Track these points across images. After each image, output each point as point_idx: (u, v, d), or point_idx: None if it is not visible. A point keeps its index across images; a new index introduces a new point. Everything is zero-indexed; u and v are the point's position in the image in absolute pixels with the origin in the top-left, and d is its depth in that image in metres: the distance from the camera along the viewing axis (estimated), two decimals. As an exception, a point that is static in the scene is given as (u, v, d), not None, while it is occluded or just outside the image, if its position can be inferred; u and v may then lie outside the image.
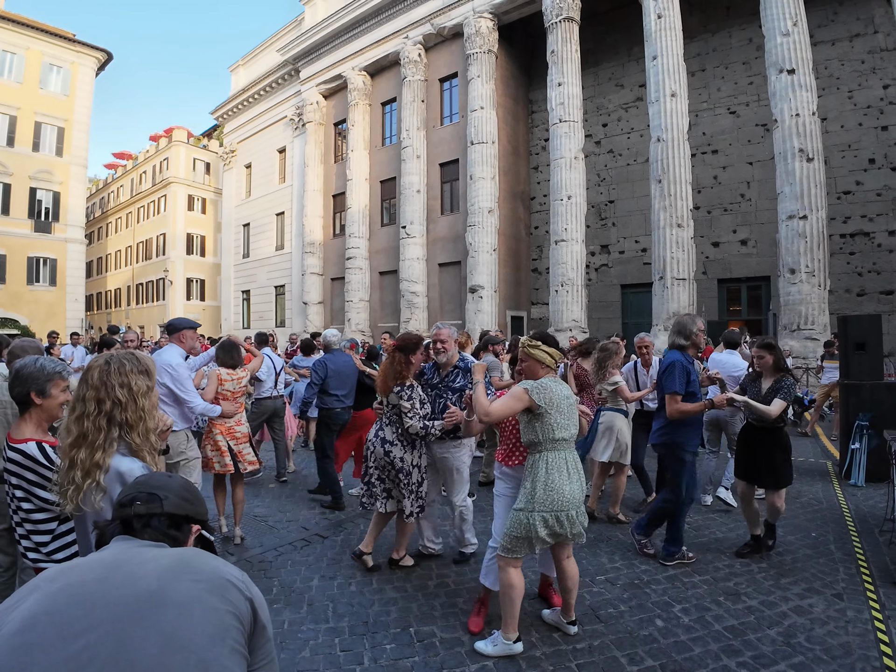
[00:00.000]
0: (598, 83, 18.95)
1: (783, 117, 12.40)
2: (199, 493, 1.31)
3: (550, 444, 2.89)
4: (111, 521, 1.19)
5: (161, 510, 1.16)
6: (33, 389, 2.10)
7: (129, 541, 1.12)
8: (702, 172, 16.38)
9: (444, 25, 18.52)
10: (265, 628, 1.07)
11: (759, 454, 4.16)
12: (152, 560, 1.02)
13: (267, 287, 27.35)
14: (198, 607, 0.95)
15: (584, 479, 3.04)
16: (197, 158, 37.19)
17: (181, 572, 1.00)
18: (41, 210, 25.21)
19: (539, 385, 2.91)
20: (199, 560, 1.06)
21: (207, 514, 1.30)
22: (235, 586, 1.03)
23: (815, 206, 12.14)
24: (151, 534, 1.14)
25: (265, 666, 1.07)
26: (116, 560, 1.02)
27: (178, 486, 1.24)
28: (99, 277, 42.98)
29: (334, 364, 5.57)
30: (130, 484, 1.27)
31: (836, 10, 14.98)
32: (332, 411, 5.55)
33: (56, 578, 0.97)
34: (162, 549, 1.09)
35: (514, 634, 2.90)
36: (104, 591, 0.94)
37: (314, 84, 23.41)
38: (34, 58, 24.64)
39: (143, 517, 1.15)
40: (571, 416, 2.98)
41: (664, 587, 3.68)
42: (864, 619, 3.22)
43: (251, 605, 1.04)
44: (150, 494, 1.18)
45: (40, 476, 2.02)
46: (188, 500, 1.23)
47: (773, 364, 4.21)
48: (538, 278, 20.24)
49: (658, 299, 13.96)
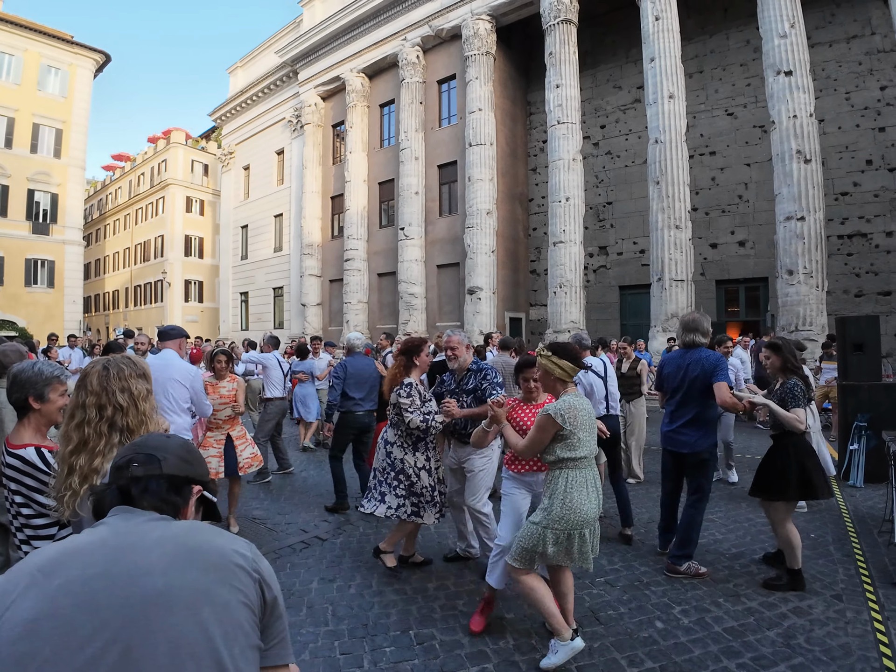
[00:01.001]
0: (596, 85, 18.97)
1: (781, 119, 12.42)
2: (200, 454, 1.26)
3: (572, 463, 2.82)
4: (108, 484, 1.13)
5: (160, 472, 1.11)
6: (31, 394, 2.09)
7: (128, 514, 1.06)
8: (700, 174, 16.40)
9: (443, 27, 18.54)
10: (276, 604, 1.04)
11: (772, 464, 3.83)
12: (156, 547, 0.97)
13: (265, 289, 27.33)
14: (207, 607, 0.91)
15: (602, 497, 2.97)
16: (195, 160, 37.17)
17: (187, 563, 0.95)
18: (39, 212, 25.18)
19: (563, 406, 2.79)
20: (204, 543, 1.01)
21: (208, 474, 1.26)
22: (243, 569, 0.99)
23: (812, 207, 12.16)
24: (150, 500, 1.09)
25: (277, 644, 1.05)
26: (118, 547, 0.96)
27: (176, 447, 1.19)
28: (97, 279, 42.93)
29: (354, 367, 5.56)
30: (127, 446, 1.20)
31: (833, 11, 15.01)
32: (350, 414, 5.52)
33: (54, 572, 0.90)
34: (165, 525, 1.04)
35: (567, 632, 2.81)
36: (108, 590, 0.89)
37: (312, 86, 23.42)
38: (32, 59, 24.62)
39: (142, 480, 1.09)
40: (592, 432, 2.92)
41: (664, 588, 3.69)
42: (864, 620, 3.22)
43: (259, 585, 1.01)
44: (148, 455, 1.12)
45: (39, 482, 2.01)
46: (188, 460, 1.18)
47: (781, 365, 3.94)
48: (536, 280, 20.25)
49: (656, 300, 13.96)
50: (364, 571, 4.00)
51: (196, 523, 1.11)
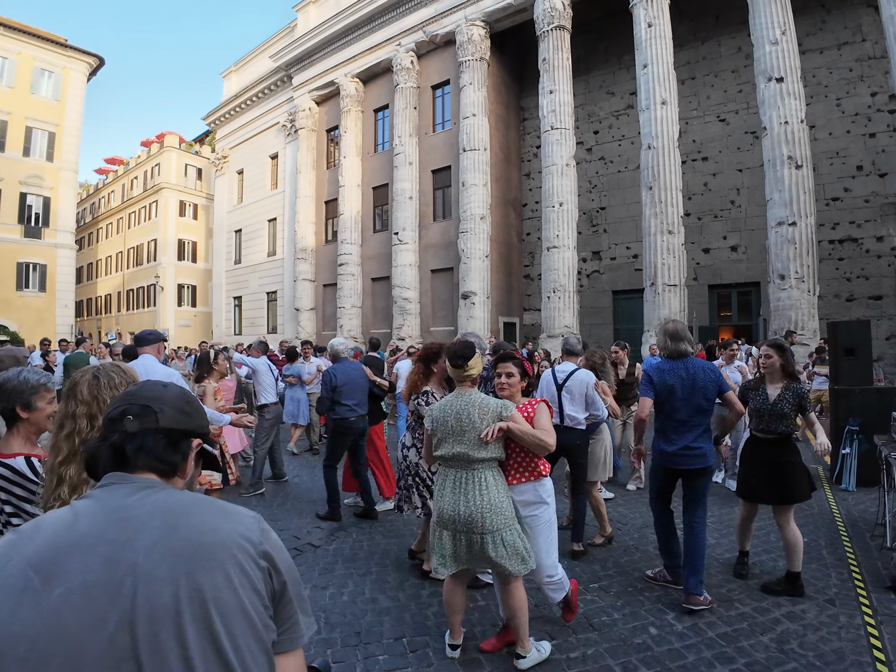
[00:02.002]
0: (589, 91, 19.08)
1: (772, 125, 12.52)
2: (199, 403, 1.17)
3: (441, 461, 2.93)
4: (101, 439, 1.04)
5: (156, 425, 1.03)
6: (18, 404, 2.05)
7: (122, 487, 0.97)
8: (692, 179, 16.50)
9: (437, 33, 18.61)
10: (285, 590, 0.98)
11: (769, 469, 3.72)
12: (160, 542, 0.88)
13: (259, 293, 27.24)
14: (217, 618, 0.86)
15: (470, 504, 2.72)
16: (189, 164, 37.04)
17: (195, 561, 0.88)
18: (31, 215, 24.98)
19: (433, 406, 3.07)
20: (208, 534, 0.92)
21: (208, 425, 1.17)
22: (251, 557, 0.92)
23: (803, 212, 12.25)
24: (146, 460, 1.01)
25: (288, 630, 0.99)
26: (116, 543, 0.87)
27: (174, 397, 1.09)
28: (89, 283, 42.65)
29: (343, 374, 5.53)
30: (121, 395, 1.10)
31: (824, 18, 15.17)
32: (346, 421, 5.48)
33: (53, 577, 0.82)
34: (164, 508, 0.94)
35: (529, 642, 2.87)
36: (111, 603, 0.82)
37: (307, 90, 23.43)
38: (26, 62, 24.48)
39: (136, 436, 1.01)
40: (454, 434, 2.87)
41: (658, 594, 3.68)
42: (857, 625, 3.23)
43: (269, 573, 0.95)
44: (144, 407, 1.04)
45: (29, 491, 1.98)
46: (186, 412, 1.09)
47: (782, 367, 3.77)
48: (530, 284, 20.29)
49: (649, 305, 14.02)
50: (356, 578, 3.98)
51: (199, 500, 1.01)
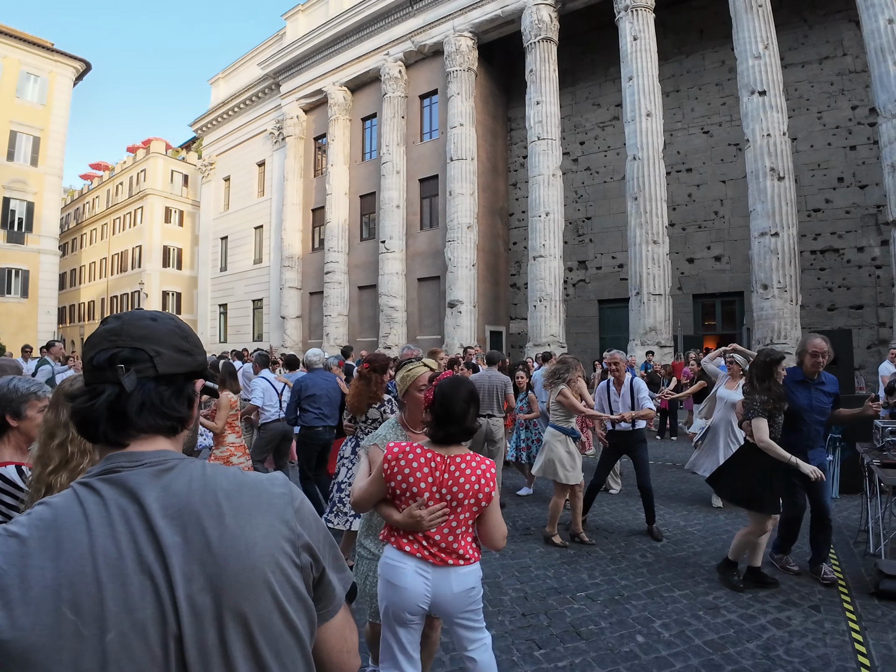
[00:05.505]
0: (575, 102, 19.28)
1: (755, 137, 12.71)
2: (196, 335, 0.94)
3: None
4: (90, 394, 0.81)
5: (154, 373, 0.83)
6: (8, 412, 2.01)
7: (132, 472, 0.78)
8: (676, 190, 16.69)
9: (425, 43, 18.73)
10: (324, 571, 0.86)
11: (758, 476, 3.83)
12: (198, 569, 0.73)
13: (244, 301, 27.06)
14: (266, 649, 0.76)
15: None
16: (175, 170, 36.79)
17: (237, 590, 0.74)
18: (14, 220, 24.62)
19: None
20: (247, 547, 0.76)
21: (206, 357, 0.97)
22: (291, 558, 0.80)
23: (786, 223, 12.43)
24: (152, 421, 0.82)
25: (325, 603, 0.87)
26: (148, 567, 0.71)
27: (168, 333, 0.87)
28: (72, 289, 42.09)
29: (313, 383, 5.48)
30: (101, 332, 0.85)
31: (806, 33, 15.48)
32: (311, 430, 5.42)
33: (100, 620, 0.67)
34: (188, 504, 0.77)
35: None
36: (162, 640, 0.70)
37: (295, 98, 23.42)
38: (11, 66, 24.21)
39: (135, 394, 0.81)
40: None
41: (644, 602, 3.67)
42: (842, 631, 3.24)
43: (310, 564, 0.83)
44: (136, 350, 0.82)
45: (19, 500, 1.95)
46: (186, 350, 0.88)
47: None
48: (517, 293, 20.35)
49: (635, 314, 14.12)
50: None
51: (225, 494, 0.80)
